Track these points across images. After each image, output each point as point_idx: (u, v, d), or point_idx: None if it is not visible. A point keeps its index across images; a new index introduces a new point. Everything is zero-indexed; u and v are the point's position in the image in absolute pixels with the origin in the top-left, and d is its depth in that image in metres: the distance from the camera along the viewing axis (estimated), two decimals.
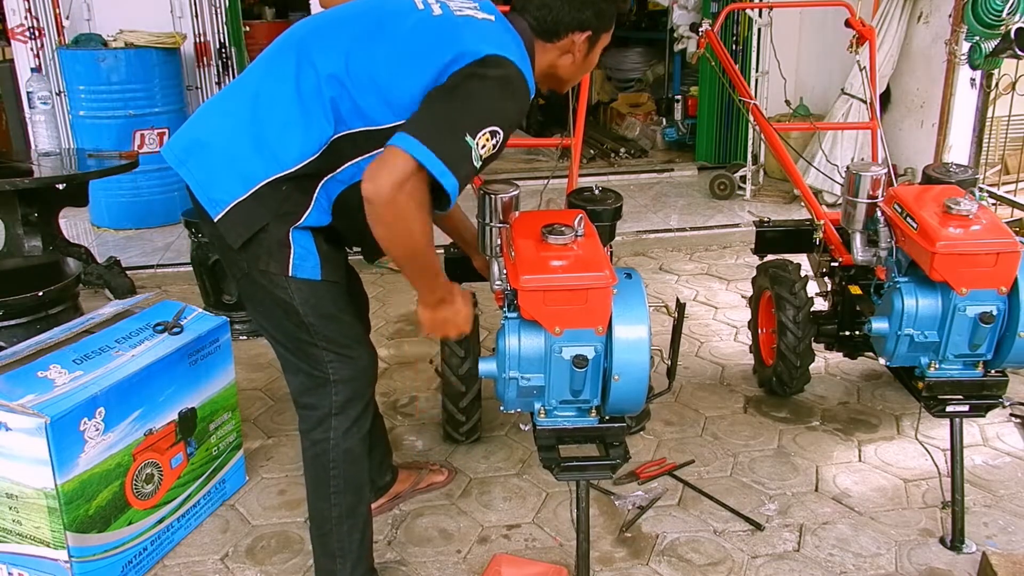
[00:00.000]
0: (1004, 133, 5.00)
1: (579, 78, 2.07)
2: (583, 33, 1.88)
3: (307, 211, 1.80)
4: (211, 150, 1.81)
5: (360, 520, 2.05)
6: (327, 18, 1.88)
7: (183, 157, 1.83)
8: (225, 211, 1.77)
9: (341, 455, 1.98)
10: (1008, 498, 2.56)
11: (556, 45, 1.89)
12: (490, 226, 2.04)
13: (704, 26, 3.32)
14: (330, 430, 1.96)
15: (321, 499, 2.01)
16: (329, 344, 1.90)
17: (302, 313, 1.85)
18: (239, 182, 1.77)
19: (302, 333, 1.89)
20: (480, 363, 2.01)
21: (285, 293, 1.84)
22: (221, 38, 5.53)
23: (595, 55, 1.98)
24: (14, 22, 5.35)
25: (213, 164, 1.80)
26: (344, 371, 1.93)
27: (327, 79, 1.74)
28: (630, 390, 1.88)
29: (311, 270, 1.83)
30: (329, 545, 2.04)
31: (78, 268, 3.13)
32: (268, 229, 1.78)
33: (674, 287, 4.34)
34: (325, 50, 1.78)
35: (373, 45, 1.76)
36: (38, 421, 1.95)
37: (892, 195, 2.39)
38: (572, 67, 1.95)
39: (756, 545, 2.36)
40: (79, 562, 2.09)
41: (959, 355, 2.24)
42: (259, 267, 1.82)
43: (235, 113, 1.82)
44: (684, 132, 6.81)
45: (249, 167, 1.76)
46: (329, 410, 1.95)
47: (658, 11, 7.61)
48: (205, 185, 1.80)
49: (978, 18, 4.39)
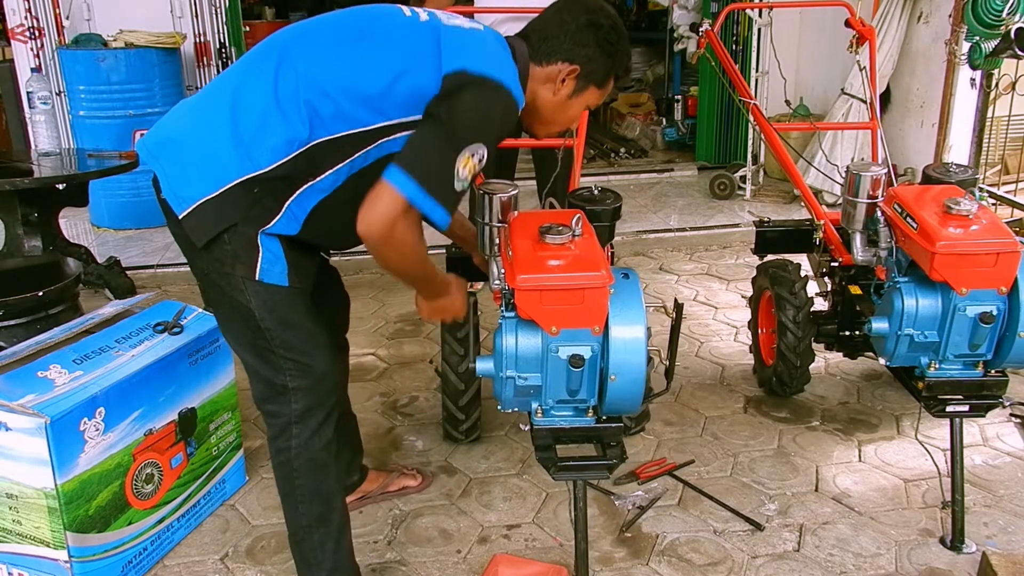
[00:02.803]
0: (1004, 133, 5.00)
1: (557, 123, 2.00)
2: (571, 66, 1.87)
3: (276, 218, 1.77)
4: (184, 147, 1.79)
5: (332, 529, 1.99)
6: (312, 23, 1.88)
7: (156, 152, 1.80)
8: (191, 208, 1.74)
9: (304, 464, 1.92)
10: (1008, 498, 2.56)
11: (544, 69, 1.88)
12: (489, 226, 2.04)
13: (704, 26, 3.32)
14: (292, 438, 1.91)
15: (291, 508, 1.98)
16: (287, 351, 1.85)
17: (259, 318, 1.81)
18: (210, 179, 1.73)
19: (259, 339, 1.84)
20: (478, 362, 2.01)
21: (243, 296, 1.79)
22: (221, 38, 5.53)
23: (577, 105, 1.94)
24: (14, 22, 5.35)
25: (186, 161, 1.77)
26: (302, 379, 1.87)
27: (306, 82, 1.72)
28: (627, 390, 1.88)
29: (279, 275, 1.80)
30: (304, 553, 2.00)
31: (78, 268, 3.13)
32: (236, 229, 1.74)
33: (674, 287, 4.34)
34: (306, 53, 1.77)
35: (354, 48, 1.76)
36: (38, 421, 1.95)
37: (892, 195, 2.39)
38: (552, 104, 1.92)
39: (756, 545, 2.36)
40: (79, 562, 2.09)
41: (959, 355, 2.24)
42: (223, 269, 1.77)
43: (212, 111, 1.79)
44: (684, 132, 6.81)
45: (222, 165, 1.73)
46: (290, 418, 1.90)
47: (658, 11, 7.61)
48: (175, 181, 1.77)
49: (978, 18, 4.39)
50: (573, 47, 1.86)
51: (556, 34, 1.87)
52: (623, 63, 1.95)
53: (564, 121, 2.00)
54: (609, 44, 1.89)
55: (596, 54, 1.88)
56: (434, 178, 1.68)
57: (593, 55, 1.88)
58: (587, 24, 1.87)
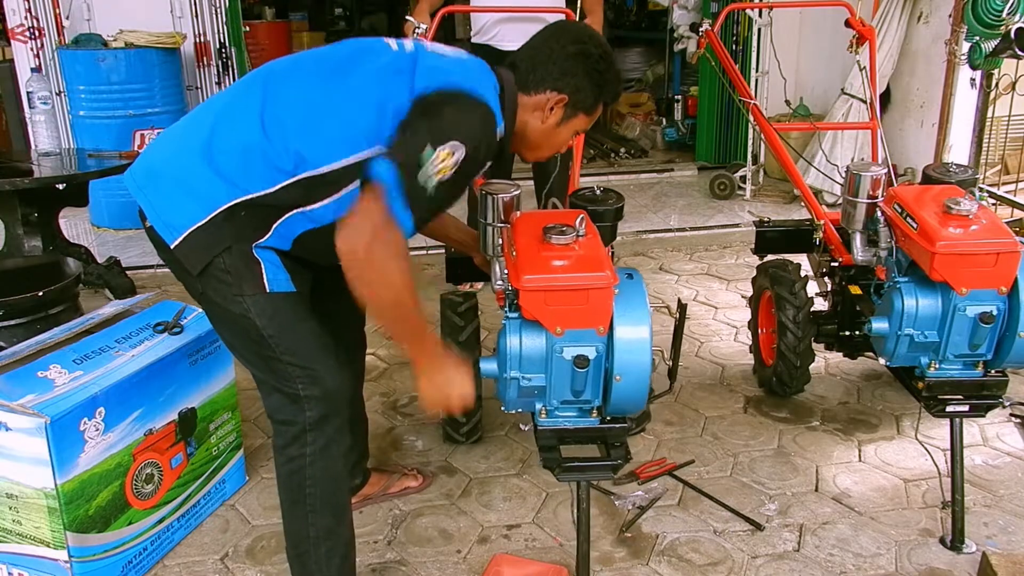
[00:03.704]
0: (1004, 133, 4.99)
1: (545, 149, 1.99)
2: (559, 95, 1.88)
3: (267, 236, 1.79)
4: (167, 177, 1.81)
5: (340, 542, 1.95)
6: (299, 58, 1.90)
7: (142, 183, 1.82)
8: (182, 237, 1.75)
9: (319, 472, 1.88)
10: (1008, 498, 2.56)
11: (532, 99, 1.89)
12: (491, 226, 2.04)
13: (704, 26, 3.32)
14: (306, 446, 1.86)
15: (297, 518, 1.92)
16: (294, 358, 1.82)
17: (260, 326, 1.80)
18: (199, 207, 1.74)
19: (264, 348, 1.83)
20: (481, 363, 2.01)
21: (240, 308, 1.79)
22: (221, 38, 5.52)
23: (566, 131, 1.95)
24: (14, 22, 5.35)
25: (171, 190, 1.79)
26: (313, 387, 1.84)
27: (291, 115, 1.75)
28: (631, 390, 1.88)
29: (285, 283, 1.81)
30: (307, 566, 1.94)
31: (78, 268, 3.12)
32: (231, 250, 1.76)
33: (674, 287, 4.34)
34: (293, 87, 1.80)
35: (340, 83, 1.77)
36: (38, 421, 1.95)
37: (892, 195, 2.39)
38: (540, 131, 1.92)
39: (756, 545, 2.36)
40: (79, 562, 2.09)
41: (959, 355, 2.24)
42: (231, 291, 1.78)
43: (193, 140, 1.81)
44: (684, 132, 6.80)
45: (209, 192, 1.74)
46: (304, 426, 1.86)
47: (658, 11, 7.61)
48: (162, 210, 1.78)
49: (978, 18, 4.38)
50: (561, 76, 1.87)
51: (545, 63, 1.87)
52: (612, 91, 1.95)
53: (552, 147, 2.00)
54: (598, 73, 1.89)
55: (585, 83, 1.88)
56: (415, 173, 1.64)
57: (582, 84, 1.88)
58: (576, 53, 1.87)
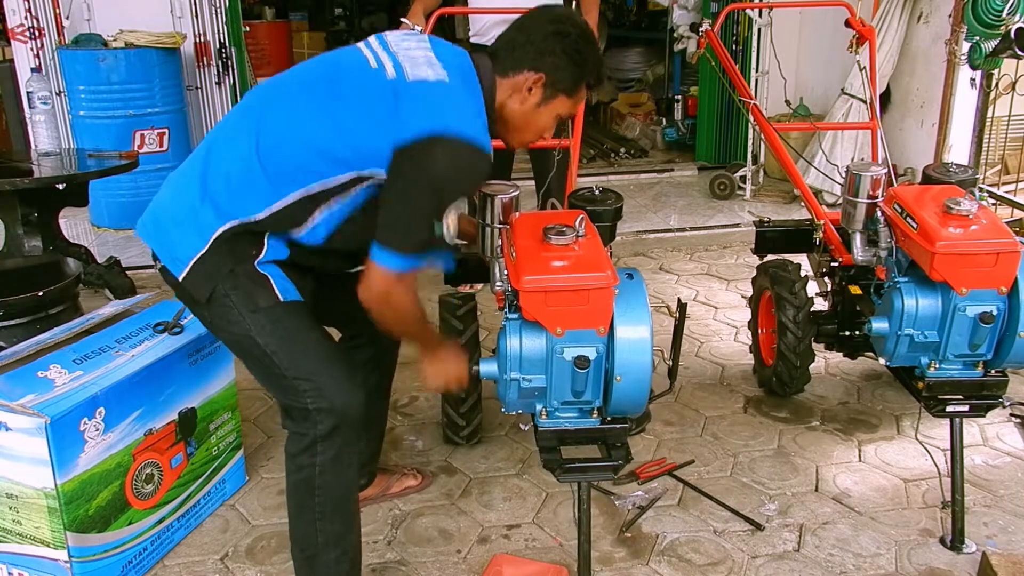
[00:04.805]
0: (1004, 133, 4.99)
1: (527, 132, 1.98)
2: (536, 74, 1.87)
3: (262, 251, 1.84)
4: (167, 218, 1.88)
5: (349, 549, 1.96)
6: (279, 83, 1.94)
7: (150, 229, 1.91)
8: (188, 268, 1.81)
9: (330, 482, 1.88)
10: (1008, 498, 2.56)
11: (510, 80, 1.88)
12: (491, 227, 2.04)
13: (704, 26, 3.32)
14: (316, 456, 1.86)
15: (305, 523, 1.92)
16: (299, 373, 1.83)
17: (262, 344, 1.82)
18: (198, 236, 1.81)
19: (270, 367, 1.84)
20: (481, 364, 2.01)
21: (242, 328, 1.82)
22: (221, 38, 5.52)
23: (547, 114, 1.93)
24: (14, 22, 5.34)
25: (172, 228, 1.86)
26: (322, 402, 1.83)
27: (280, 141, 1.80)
28: (632, 391, 1.88)
29: (293, 293, 1.85)
30: (316, 570, 1.94)
31: (78, 268, 3.13)
32: (234, 273, 1.81)
33: (674, 287, 4.34)
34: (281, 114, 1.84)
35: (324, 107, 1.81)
36: (38, 421, 1.95)
37: (892, 195, 2.39)
38: (520, 113, 1.92)
39: (756, 545, 2.36)
40: (79, 562, 2.09)
41: (959, 355, 2.24)
42: (242, 310, 1.82)
43: (190, 176, 1.89)
44: (684, 132, 6.80)
45: (205, 219, 1.81)
46: (315, 437, 1.86)
47: (658, 11, 7.60)
48: (168, 247, 1.86)
49: (978, 18, 4.39)
50: (538, 56, 1.86)
51: (522, 44, 1.87)
52: (593, 71, 1.93)
53: (535, 130, 1.98)
54: (576, 52, 1.88)
55: (563, 62, 1.87)
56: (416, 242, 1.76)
57: (559, 63, 1.87)
58: (553, 33, 1.87)
